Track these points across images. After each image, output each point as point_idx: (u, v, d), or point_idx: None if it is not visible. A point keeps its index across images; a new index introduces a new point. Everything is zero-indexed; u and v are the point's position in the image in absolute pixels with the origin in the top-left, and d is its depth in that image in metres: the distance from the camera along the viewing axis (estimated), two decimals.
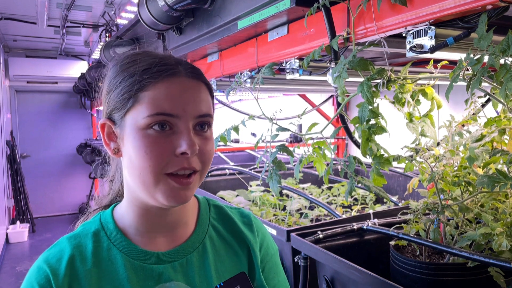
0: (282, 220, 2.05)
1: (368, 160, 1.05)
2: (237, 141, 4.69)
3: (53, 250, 0.73)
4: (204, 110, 0.72)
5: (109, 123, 0.74)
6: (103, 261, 0.72)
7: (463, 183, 1.05)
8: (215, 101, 2.76)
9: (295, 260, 1.37)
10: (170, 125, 0.69)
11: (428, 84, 1.11)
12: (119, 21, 4.48)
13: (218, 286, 0.73)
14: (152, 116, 0.68)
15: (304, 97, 3.83)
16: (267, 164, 1.15)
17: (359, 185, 1.07)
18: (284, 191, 2.25)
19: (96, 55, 6.63)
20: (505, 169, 0.99)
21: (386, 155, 1.03)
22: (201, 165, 0.71)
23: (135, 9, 3.49)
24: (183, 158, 0.68)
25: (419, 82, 1.10)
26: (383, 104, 1.11)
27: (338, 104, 1.18)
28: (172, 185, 0.69)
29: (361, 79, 1.00)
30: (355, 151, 3.47)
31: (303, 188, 2.41)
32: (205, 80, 0.76)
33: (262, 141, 1.23)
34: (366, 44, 1.23)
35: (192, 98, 0.71)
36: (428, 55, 1.12)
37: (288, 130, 1.14)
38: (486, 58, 0.83)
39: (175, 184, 0.69)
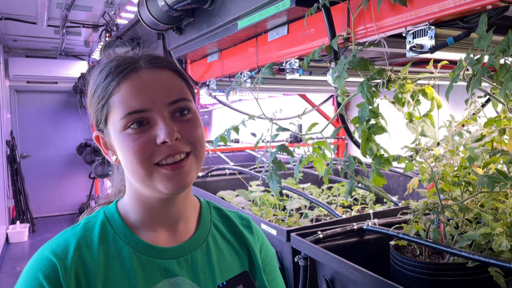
0: (282, 220, 2.05)
1: (368, 160, 1.05)
2: (237, 141, 4.69)
3: (58, 240, 0.73)
4: (175, 96, 0.72)
5: (100, 134, 0.77)
6: (110, 252, 0.73)
7: (463, 183, 1.05)
8: (215, 101, 2.77)
9: (295, 260, 1.37)
10: (146, 120, 0.70)
11: (428, 84, 1.11)
12: (119, 21, 4.48)
13: (220, 285, 0.73)
14: (125, 117, 0.70)
15: (304, 97, 3.83)
16: (267, 164, 1.14)
17: (359, 185, 1.07)
18: (284, 191, 2.25)
19: (96, 55, 6.63)
20: (505, 169, 0.99)
21: (386, 155, 1.03)
22: (190, 146, 0.72)
23: (135, 9, 3.48)
24: (166, 146, 0.69)
25: (419, 82, 1.10)
26: (383, 104, 1.11)
27: (338, 104, 1.18)
28: (165, 173, 0.70)
29: (361, 79, 1.00)
30: (355, 151, 3.47)
31: (303, 188, 2.41)
32: (172, 66, 0.77)
33: (262, 141, 1.23)
34: (366, 44, 1.23)
35: (158, 88, 0.71)
36: (428, 55, 1.12)
37: (288, 130, 1.14)
38: (486, 58, 0.83)
39: (168, 172, 0.70)
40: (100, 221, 0.76)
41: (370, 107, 0.99)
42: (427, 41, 1.07)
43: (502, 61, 0.81)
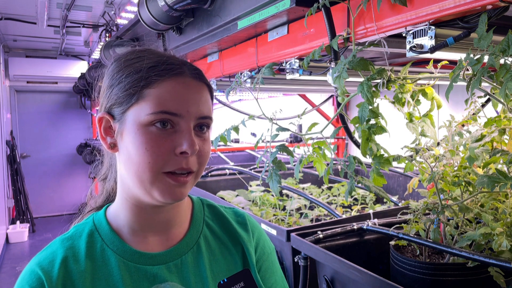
0: (282, 220, 2.05)
1: (368, 160, 1.05)
2: (237, 141, 4.69)
3: (45, 252, 0.72)
4: (206, 112, 0.73)
5: (108, 117, 0.73)
6: (97, 262, 0.72)
7: (463, 183, 1.05)
8: (215, 101, 2.77)
9: (295, 260, 1.37)
10: (172, 124, 0.69)
11: (428, 84, 1.11)
12: (119, 21, 4.48)
13: (221, 282, 0.73)
14: (156, 114, 0.68)
15: (304, 97, 3.83)
16: (267, 164, 1.15)
17: (359, 185, 1.07)
18: (284, 191, 2.25)
19: (96, 55, 6.63)
20: (505, 169, 0.99)
21: (386, 155, 1.03)
22: (198, 166, 0.72)
23: (135, 9, 3.48)
24: (181, 158, 0.69)
25: (419, 82, 1.10)
26: (383, 104, 1.11)
27: (338, 104, 1.18)
28: (168, 183, 0.69)
29: (361, 79, 1.00)
30: (355, 151, 3.47)
31: (303, 188, 2.41)
32: (207, 82, 0.77)
33: (262, 141, 1.23)
34: (366, 44, 1.23)
35: (195, 99, 0.71)
36: (428, 55, 1.12)
37: (288, 130, 1.14)
38: (486, 58, 0.83)
39: (172, 182, 0.69)
40: (88, 229, 0.75)
41: (370, 107, 0.99)
42: (427, 41, 1.07)
43: (502, 61, 0.81)
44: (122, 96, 0.71)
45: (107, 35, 4.57)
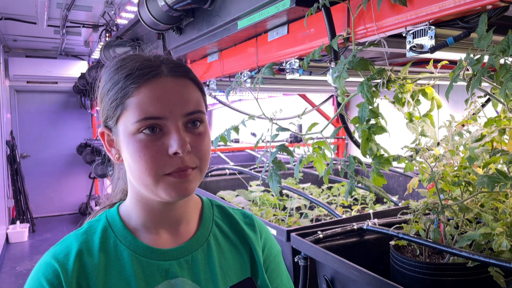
0: (282, 220, 2.05)
1: (368, 160, 1.05)
2: (237, 141, 4.69)
3: (60, 246, 0.74)
4: (192, 107, 0.72)
5: (107, 131, 0.76)
6: (110, 256, 0.74)
7: (463, 183, 1.05)
8: (215, 101, 2.77)
9: (295, 260, 1.37)
10: (159, 127, 0.70)
11: (428, 84, 1.11)
12: (119, 21, 4.48)
13: None
14: (140, 122, 0.69)
15: (304, 97, 3.83)
16: (267, 164, 1.15)
17: (359, 185, 1.07)
18: (284, 191, 2.25)
19: (96, 55, 6.63)
20: (505, 169, 0.99)
21: (386, 155, 1.03)
22: (198, 161, 0.72)
23: (135, 9, 3.49)
24: (177, 158, 0.69)
25: (419, 82, 1.10)
26: (383, 104, 1.11)
27: (338, 104, 1.18)
28: (171, 181, 0.70)
29: (361, 79, 1.00)
30: (355, 151, 3.47)
31: (303, 188, 2.41)
32: (192, 76, 0.76)
33: (262, 141, 1.23)
34: (366, 44, 1.23)
35: (177, 98, 0.71)
36: (428, 55, 1.12)
37: (288, 130, 1.14)
38: (486, 58, 0.83)
39: (174, 179, 0.70)
40: (102, 226, 0.77)
41: (370, 107, 0.99)
42: (427, 41, 1.07)
43: (502, 61, 0.81)
44: (110, 110, 0.73)
45: (107, 35, 4.57)
